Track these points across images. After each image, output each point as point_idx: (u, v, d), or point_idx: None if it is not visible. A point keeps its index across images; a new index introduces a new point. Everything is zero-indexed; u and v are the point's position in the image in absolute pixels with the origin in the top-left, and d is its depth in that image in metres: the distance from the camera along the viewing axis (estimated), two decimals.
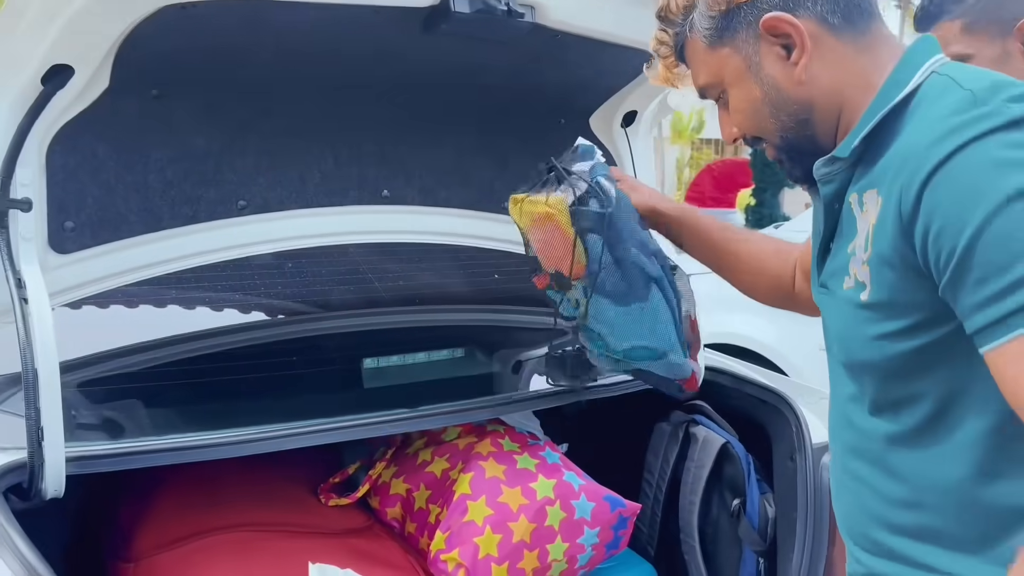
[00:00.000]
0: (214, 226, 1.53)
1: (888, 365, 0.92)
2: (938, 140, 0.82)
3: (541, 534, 1.52)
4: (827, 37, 0.95)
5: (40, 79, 1.23)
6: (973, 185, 0.80)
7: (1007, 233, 0.78)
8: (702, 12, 1.00)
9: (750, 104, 1.01)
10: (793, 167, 1.04)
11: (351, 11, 1.27)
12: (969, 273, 0.80)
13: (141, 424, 1.46)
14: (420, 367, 1.74)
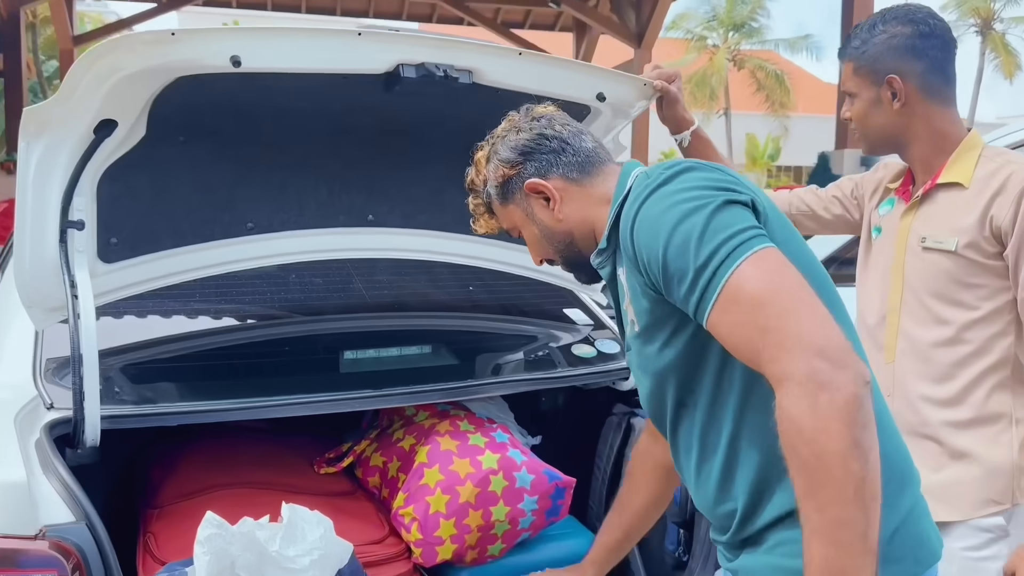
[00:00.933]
0: (228, 243, 1.91)
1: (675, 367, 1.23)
2: (630, 205, 1.20)
3: (485, 497, 1.85)
4: (571, 187, 1.34)
5: (92, 130, 1.61)
6: (652, 226, 1.15)
7: (679, 246, 1.11)
8: (491, 183, 1.40)
9: (534, 240, 1.41)
10: (578, 275, 1.45)
11: (326, 77, 1.64)
12: (672, 278, 1.12)
13: (162, 396, 1.84)
14: (393, 359, 2.09)
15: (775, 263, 1.09)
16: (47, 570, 1.27)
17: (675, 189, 1.16)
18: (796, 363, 1.01)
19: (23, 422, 1.55)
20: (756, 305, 1.05)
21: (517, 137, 1.38)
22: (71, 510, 1.34)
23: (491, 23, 16.55)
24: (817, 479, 1.00)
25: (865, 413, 1.00)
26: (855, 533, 0.99)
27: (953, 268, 1.68)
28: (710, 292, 1.08)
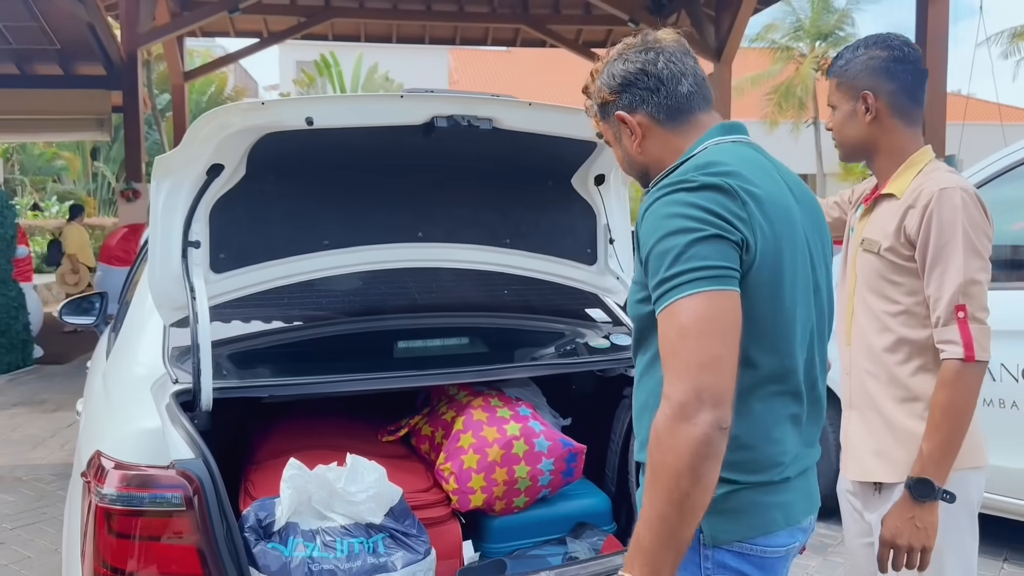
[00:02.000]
0: (308, 257, 2.43)
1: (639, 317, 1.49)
2: (654, 191, 1.40)
3: (509, 458, 2.29)
4: (654, 127, 1.50)
5: (205, 172, 2.14)
6: (654, 224, 1.37)
7: (661, 253, 1.34)
8: (594, 98, 1.57)
9: (619, 160, 1.61)
10: None
11: (379, 129, 2.12)
12: (647, 269, 1.37)
13: (257, 374, 2.36)
14: (436, 348, 2.58)
15: (715, 308, 1.29)
16: (175, 490, 1.78)
17: (688, 201, 1.34)
18: (677, 391, 1.26)
19: (157, 391, 2.08)
20: (679, 332, 1.29)
21: (623, 67, 1.49)
22: (192, 450, 1.85)
23: (573, 44, 16.98)
24: (656, 478, 1.26)
25: (710, 449, 1.24)
26: (668, 529, 1.25)
27: (880, 267, 2.00)
28: (662, 301, 1.32)
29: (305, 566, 1.89)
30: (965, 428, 1.89)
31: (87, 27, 12.62)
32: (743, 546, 1.46)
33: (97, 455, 1.87)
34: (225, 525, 1.81)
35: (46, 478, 5.20)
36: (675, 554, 1.27)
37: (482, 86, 31.98)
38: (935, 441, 1.88)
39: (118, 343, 2.61)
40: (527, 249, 2.65)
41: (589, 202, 2.68)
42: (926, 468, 1.88)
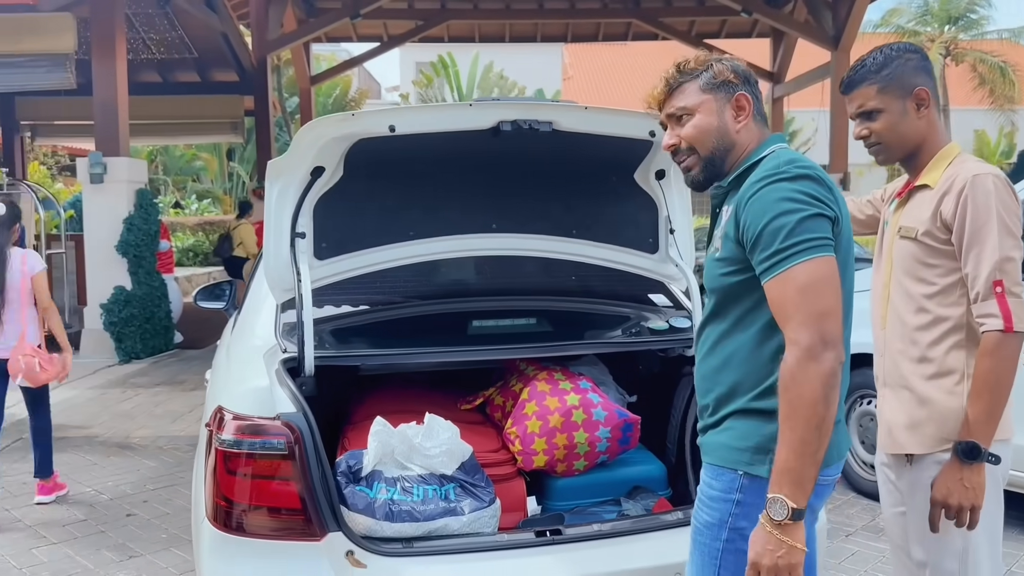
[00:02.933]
0: (397, 245, 2.78)
1: (724, 289, 1.80)
2: (754, 183, 1.71)
3: (568, 425, 2.57)
4: (753, 120, 1.84)
5: (309, 173, 2.51)
6: (763, 206, 1.67)
7: (773, 230, 1.64)
8: (710, 72, 1.83)
9: (706, 127, 1.82)
10: (701, 175, 1.86)
11: (452, 133, 2.43)
12: (757, 245, 1.66)
13: (351, 347, 2.72)
14: (507, 327, 2.88)
15: (824, 270, 1.62)
16: (279, 437, 2.15)
17: (791, 188, 1.66)
18: (804, 336, 1.59)
19: (268, 359, 2.47)
20: (799, 290, 1.61)
21: (743, 66, 1.86)
22: (294, 406, 2.22)
23: (686, 36, 16.91)
24: (795, 411, 1.58)
25: (836, 380, 1.59)
26: (809, 450, 1.59)
27: (917, 252, 2.17)
28: (777, 268, 1.63)
29: (387, 506, 2.24)
30: (1006, 395, 2.06)
31: (221, 36, 13.61)
32: None
33: (218, 409, 2.27)
34: (321, 469, 2.16)
35: (183, 448, 5.84)
36: (815, 470, 1.60)
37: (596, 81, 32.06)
38: (979, 407, 2.05)
39: (239, 320, 3.04)
40: (592, 239, 2.91)
41: (651, 195, 2.91)
42: (972, 432, 2.05)
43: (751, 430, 1.75)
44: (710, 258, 1.85)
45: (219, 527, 2.14)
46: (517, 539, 2.30)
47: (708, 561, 1.80)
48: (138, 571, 3.81)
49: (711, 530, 1.80)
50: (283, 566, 2.09)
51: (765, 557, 1.63)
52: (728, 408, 1.81)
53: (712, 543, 1.79)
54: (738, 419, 1.79)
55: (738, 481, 1.76)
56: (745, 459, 1.75)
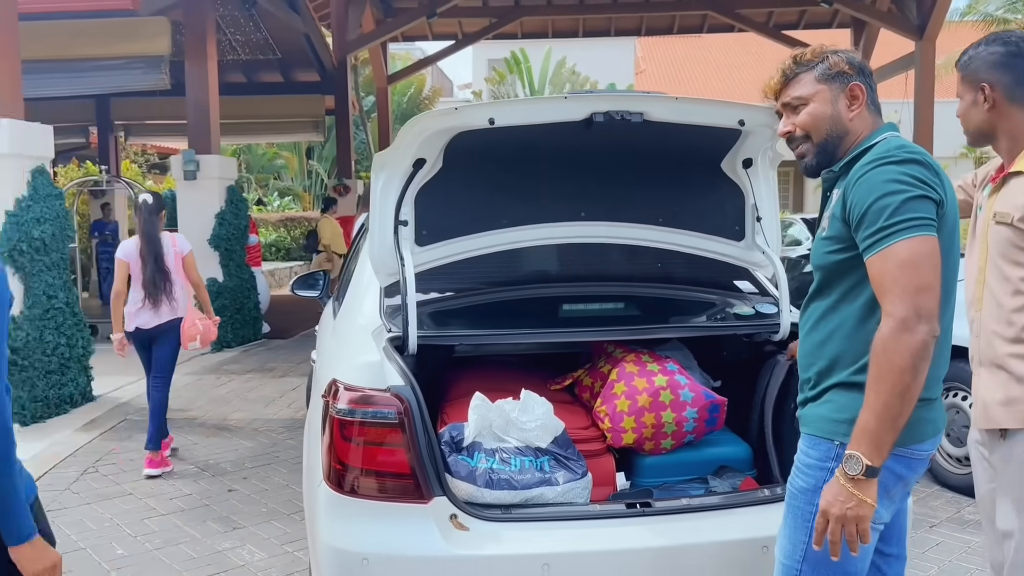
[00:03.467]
0: (491, 233, 2.93)
1: (830, 266, 1.93)
2: (863, 165, 1.84)
3: (656, 405, 2.67)
4: (864, 110, 1.96)
5: (411, 165, 2.68)
6: (870, 187, 1.80)
7: (878, 209, 1.77)
8: (825, 64, 1.96)
9: (820, 115, 1.96)
10: (813, 161, 2.00)
11: (547, 125, 2.56)
12: (863, 223, 1.79)
13: (450, 327, 2.88)
14: (596, 311, 3.00)
15: (925, 248, 1.74)
16: (390, 407, 2.31)
17: (898, 171, 1.78)
18: (899, 309, 1.71)
19: (375, 336, 2.65)
20: (899, 265, 1.73)
21: (858, 58, 1.99)
22: (403, 380, 2.38)
23: (763, 27, 16.69)
24: (883, 376, 1.71)
25: (927, 352, 1.70)
26: (892, 415, 1.73)
27: (1013, 236, 2.24)
28: (879, 245, 1.76)
29: (487, 474, 2.39)
30: None
31: (303, 37, 14.03)
32: (900, 450, 1.85)
33: (333, 381, 2.45)
34: (427, 438, 2.33)
35: (277, 429, 6.13)
36: (894, 435, 1.73)
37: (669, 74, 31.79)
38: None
39: (345, 304, 3.24)
40: (679, 227, 3.01)
41: (738, 183, 2.99)
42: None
43: (849, 403, 1.85)
44: (818, 237, 1.98)
45: (335, 489, 2.32)
46: (609, 509, 2.42)
47: (800, 524, 1.92)
48: (242, 541, 4.07)
49: (805, 495, 1.91)
50: (394, 525, 2.26)
51: (835, 506, 1.75)
52: (829, 381, 1.93)
53: (805, 507, 1.91)
54: (838, 392, 1.91)
55: (834, 451, 1.87)
56: (842, 430, 1.85)
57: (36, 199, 6.42)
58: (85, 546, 4.06)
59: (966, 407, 4.51)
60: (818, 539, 1.81)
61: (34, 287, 6.36)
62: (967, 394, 4.51)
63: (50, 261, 6.49)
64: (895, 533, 2.11)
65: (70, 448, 5.69)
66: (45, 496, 4.73)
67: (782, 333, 2.83)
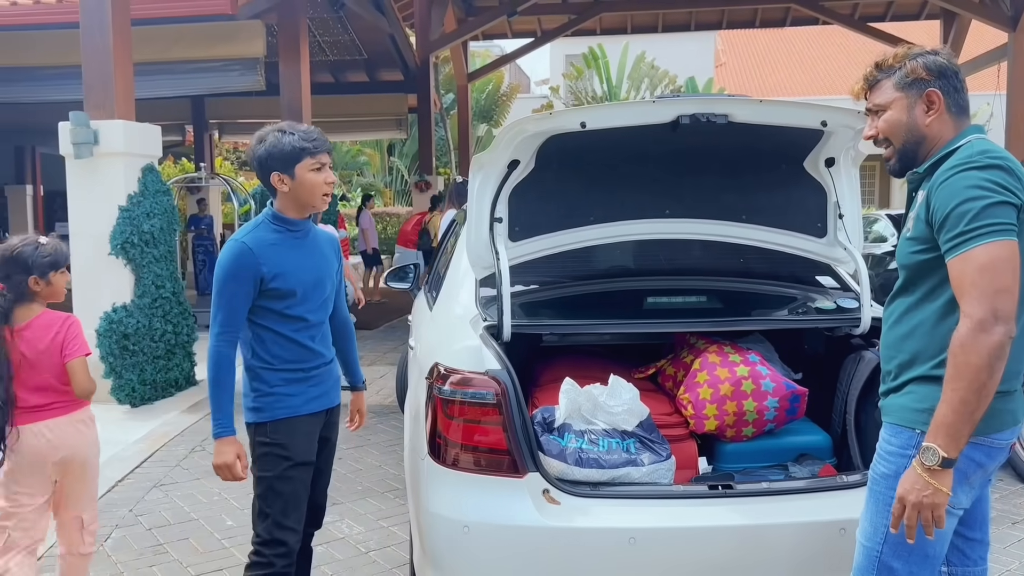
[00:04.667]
0: (580, 229, 3.10)
1: (913, 265, 2.02)
2: (946, 170, 1.93)
3: (738, 394, 2.81)
4: (946, 114, 2.02)
5: (506, 166, 2.87)
6: (953, 191, 1.88)
7: (960, 214, 1.85)
8: (903, 71, 2.03)
9: (896, 122, 2.05)
10: (896, 164, 2.10)
11: (636, 127, 2.72)
12: (944, 226, 1.88)
13: (541, 317, 3.07)
14: (679, 303, 3.14)
15: (1004, 252, 1.81)
16: (489, 388, 2.51)
17: (980, 176, 1.85)
18: (977, 310, 1.80)
19: (472, 325, 2.86)
20: (979, 268, 1.82)
21: (939, 61, 2.02)
22: (499, 364, 2.58)
23: (848, 20, 16.37)
24: (960, 374, 1.80)
25: (1003, 352, 1.79)
26: (968, 410, 1.81)
27: None
28: (960, 248, 1.84)
29: (576, 453, 2.57)
30: None
31: (388, 38, 14.42)
32: (979, 439, 1.94)
33: (436, 365, 2.66)
34: (521, 418, 2.52)
35: (368, 416, 6.40)
36: (970, 428, 1.83)
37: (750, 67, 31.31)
38: None
39: (442, 294, 3.46)
40: (762, 223, 3.13)
41: (820, 182, 3.09)
42: None
43: (929, 394, 1.95)
44: (903, 237, 2.07)
45: (438, 462, 2.53)
46: (692, 490, 2.57)
47: (882, 508, 2.04)
48: (340, 516, 4.34)
49: (886, 480, 2.03)
50: (492, 497, 2.45)
51: (912, 494, 1.86)
52: (910, 374, 2.03)
53: (886, 492, 2.02)
54: (918, 384, 2.01)
55: (915, 439, 1.98)
56: (923, 419, 1.95)
57: (146, 195, 6.88)
58: (198, 517, 4.40)
59: None
60: (895, 523, 1.92)
61: (144, 278, 6.81)
62: None
63: (159, 253, 6.94)
64: (977, 518, 2.20)
65: (178, 428, 6.10)
66: (158, 471, 5.14)
67: (863, 327, 2.92)
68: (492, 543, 2.43)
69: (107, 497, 4.69)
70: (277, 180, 2.58)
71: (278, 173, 2.57)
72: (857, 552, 2.13)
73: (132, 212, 6.76)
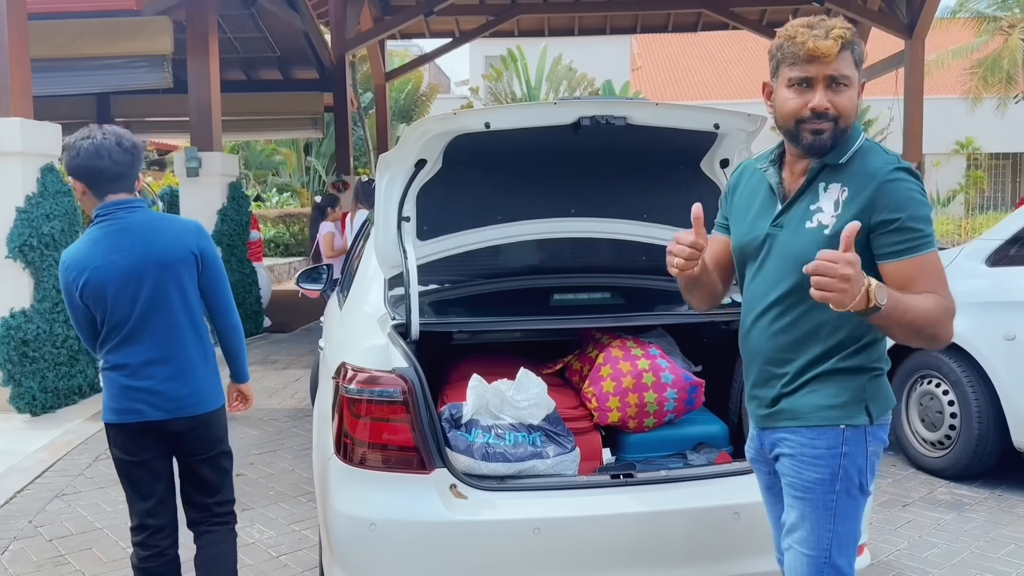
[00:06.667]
0: (486, 228, 3.15)
1: None
2: (890, 171, 1.91)
3: (639, 386, 2.90)
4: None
5: (413, 165, 2.90)
6: (909, 196, 1.89)
7: (920, 218, 1.88)
8: (861, 48, 1.94)
9: (855, 106, 1.94)
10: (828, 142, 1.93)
11: (539, 128, 2.78)
12: (894, 229, 1.87)
13: (449, 315, 3.11)
14: (584, 300, 3.23)
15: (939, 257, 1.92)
16: (395, 386, 2.53)
17: (920, 183, 1.92)
18: (951, 300, 1.88)
19: (381, 324, 2.88)
20: (939, 268, 1.90)
21: None
22: (407, 362, 2.60)
23: (756, 25, 16.91)
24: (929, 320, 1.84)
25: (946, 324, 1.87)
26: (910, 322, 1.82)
27: None
28: (924, 248, 1.88)
29: (483, 448, 2.61)
30: None
31: (302, 35, 14.22)
32: (883, 419, 2.01)
33: (343, 364, 2.67)
34: (429, 415, 2.55)
35: (281, 419, 6.35)
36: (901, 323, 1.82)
37: (665, 71, 32.00)
38: None
39: (351, 294, 3.46)
40: (662, 222, 3.24)
41: (716, 182, 3.21)
42: None
43: (841, 386, 1.95)
44: (809, 234, 1.94)
45: (345, 462, 2.54)
46: (595, 480, 2.65)
47: (824, 515, 1.97)
48: (251, 521, 4.29)
49: (823, 486, 1.97)
50: (399, 494, 2.48)
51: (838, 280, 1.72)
52: (813, 372, 1.97)
53: (826, 496, 1.96)
54: (825, 380, 1.96)
55: (842, 435, 1.95)
56: (844, 414, 1.95)
57: (46, 196, 6.62)
58: (102, 526, 4.28)
59: (939, 393, 4.74)
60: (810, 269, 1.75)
61: (44, 281, 6.56)
62: (940, 381, 4.75)
63: (59, 256, 6.69)
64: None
65: (81, 436, 5.90)
66: (60, 481, 4.97)
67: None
68: (399, 540, 2.46)
69: (4, 509, 4.52)
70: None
71: None
72: (800, 564, 2.01)
73: (31, 214, 6.51)
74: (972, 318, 4.53)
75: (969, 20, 23.63)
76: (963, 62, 23.28)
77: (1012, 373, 4.40)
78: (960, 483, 4.68)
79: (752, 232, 2.09)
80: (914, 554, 3.81)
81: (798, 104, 1.93)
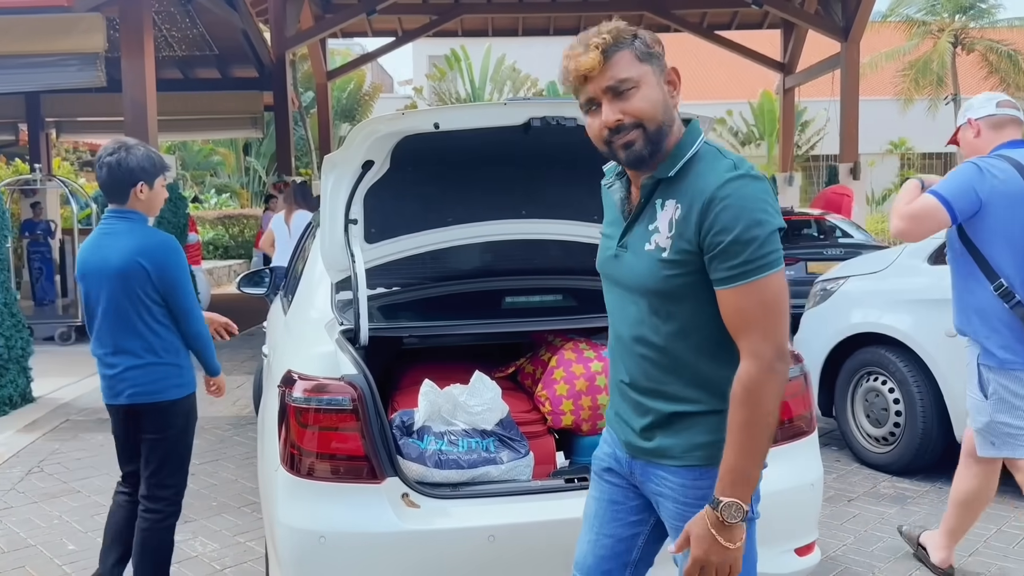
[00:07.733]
0: (437, 230, 3.10)
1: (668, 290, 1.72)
2: (722, 183, 1.64)
3: (593, 388, 2.88)
4: (678, 97, 1.75)
5: (360, 166, 2.82)
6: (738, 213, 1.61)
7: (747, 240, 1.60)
8: (643, 41, 1.71)
9: (655, 101, 1.70)
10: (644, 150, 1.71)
11: (489, 129, 2.73)
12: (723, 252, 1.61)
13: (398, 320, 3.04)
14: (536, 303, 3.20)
15: (783, 283, 1.64)
16: (344, 394, 2.46)
17: (762, 193, 1.62)
18: (766, 350, 1.62)
19: (328, 329, 2.80)
20: (763, 303, 1.62)
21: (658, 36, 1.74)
22: (356, 369, 2.53)
23: (697, 28, 17.16)
24: (755, 420, 1.61)
25: (783, 392, 1.65)
26: (761, 453, 1.64)
27: None
28: (742, 279, 1.62)
29: (436, 456, 2.56)
30: None
31: (241, 33, 13.94)
32: None
33: (289, 372, 2.59)
34: (379, 422, 2.48)
35: (223, 427, 6.19)
36: (759, 470, 1.67)
37: None
38: None
39: (296, 299, 3.37)
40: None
41: None
42: None
43: (716, 423, 1.74)
44: (648, 257, 1.75)
45: (292, 473, 2.46)
46: (549, 485, 2.62)
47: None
48: (193, 533, 4.15)
49: None
50: (349, 505, 2.41)
51: (713, 555, 1.65)
52: (685, 408, 1.79)
53: None
54: (698, 418, 1.79)
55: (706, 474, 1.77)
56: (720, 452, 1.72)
57: None
58: (35, 543, 4.10)
59: (885, 390, 4.82)
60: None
61: None
62: (886, 379, 4.83)
63: None
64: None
65: (12, 449, 5.67)
66: None
67: None
68: (349, 551, 2.39)
69: None
70: None
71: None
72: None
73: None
74: (915, 315, 4.64)
75: (900, 23, 24.34)
76: (895, 64, 23.98)
77: (954, 370, 4.49)
78: (902, 477, 4.78)
79: (605, 251, 1.95)
80: (861, 548, 3.86)
81: (597, 127, 1.78)
